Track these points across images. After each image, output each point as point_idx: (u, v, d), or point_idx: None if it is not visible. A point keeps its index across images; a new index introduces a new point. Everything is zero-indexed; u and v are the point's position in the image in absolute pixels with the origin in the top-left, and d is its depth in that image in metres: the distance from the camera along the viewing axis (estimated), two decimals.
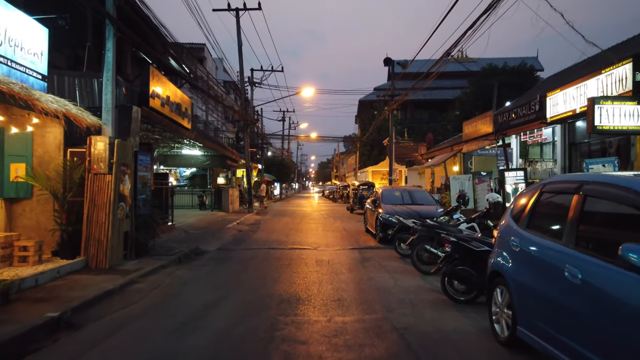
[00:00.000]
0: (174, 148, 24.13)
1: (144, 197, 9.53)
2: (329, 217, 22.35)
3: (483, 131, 18.02)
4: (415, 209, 12.21)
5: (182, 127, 13.27)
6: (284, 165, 52.30)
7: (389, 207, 12.31)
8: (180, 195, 26.33)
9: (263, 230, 15.77)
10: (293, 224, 18.49)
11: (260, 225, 18.00)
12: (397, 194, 13.25)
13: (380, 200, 12.95)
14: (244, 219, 20.01)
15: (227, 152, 23.28)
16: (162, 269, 8.32)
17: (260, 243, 12.37)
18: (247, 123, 24.59)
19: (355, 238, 13.44)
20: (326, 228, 16.65)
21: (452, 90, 55.24)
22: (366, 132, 44.99)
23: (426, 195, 13.54)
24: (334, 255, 10.16)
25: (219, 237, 13.32)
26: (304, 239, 13.14)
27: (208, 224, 16.63)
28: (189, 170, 35.19)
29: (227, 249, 11.17)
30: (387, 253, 10.57)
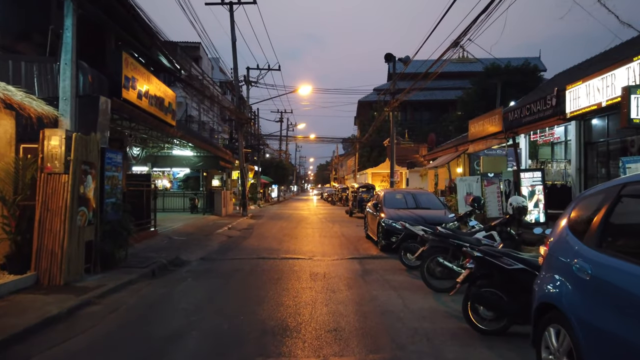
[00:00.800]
0: (164, 148, 22.99)
1: (114, 200, 8.32)
2: (327, 222, 21.15)
3: (491, 130, 16.86)
4: (422, 213, 11.02)
5: (165, 123, 12.07)
6: (281, 167, 51.10)
7: (392, 212, 11.12)
8: (171, 198, 25.18)
9: (255, 236, 14.55)
10: (288, 228, 17.28)
11: (253, 230, 16.78)
12: (401, 197, 12.05)
13: (383, 204, 11.76)
14: (236, 223, 18.80)
15: (219, 153, 22.10)
16: (129, 285, 7.10)
17: (249, 251, 11.16)
18: (242, 122, 23.41)
19: (354, 245, 12.23)
20: (323, 234, 15.44)
21: (453, 90, 54.24)
22: (365, 133, 43.86)
23: (433, 198, 12.34)
24: (331, 267, 8.95)
25: (205, 244, 12.10)
26: (299, 247, 11.93)
27: (196, 229, 15.42)
28: (183, 172, 34.03)
29: (212, 259, 9.95)
30: (391, 264, 9.36)
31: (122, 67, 9.00)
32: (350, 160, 64.10)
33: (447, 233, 7.24)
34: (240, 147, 23.91)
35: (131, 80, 9.48)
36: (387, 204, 11.70)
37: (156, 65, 20.88)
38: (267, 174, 47.77)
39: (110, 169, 8.23)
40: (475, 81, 41.92)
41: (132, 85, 9.55)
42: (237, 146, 24.36)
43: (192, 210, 23.28)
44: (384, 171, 41.29)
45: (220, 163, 23.21)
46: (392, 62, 22.31)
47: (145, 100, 10.43)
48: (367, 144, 48.53)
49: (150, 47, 12.97)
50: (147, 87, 10.62)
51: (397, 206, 11.59)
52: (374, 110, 50.58)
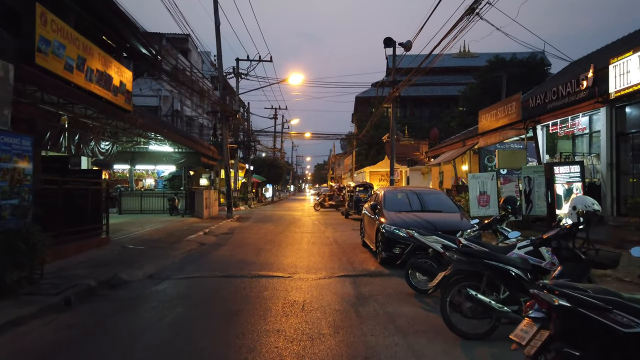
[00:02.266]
0: (140, 143, 20.76)
1: (15, 202, 6.06)
2: (320, 224, 18.91)
3: (506, 120, 14.66)
4: (432, 218, 8.80)
5: (115, 106, 9.82)
6: (275, 166, 48.81)
7: (394, 216, 8.89)
8: (150, 198, 22.92)
9: (231, 244, 12.31)
10: (274, 233, 15.03)
11: (233, 235, 14.53)
12: (405, 198, 9.81)
13: (383, 205, 9.52)
14: (216, 227, 16.54)
15: (200, 148, 19.84)
16: (12, 326, 4.85)
17: (216, 266, 8.91)
18: (226, 114, 21.14)
19: (348, 256, 9.99)
20: (313, 239, 13.20)
21: (454, 86, 52.20)
22: (363, 130, 41.66)
23: (444, 198, 10.07)
24: (314, 291, 6.71)
25: (165, 255, 9.84)
26: (280, 259, 9.69)
27: (165, 235, 13.16)
28: (168, 170, 31.80)
29: (162, 278, 7.70)
30: (394, 285, 7.14)
31: (35, 25, 6.74)
32: (347, 159, 61.87)
33: (481, 251, 5.02)
34: (225, 142, 21.64)
35: (52, 45, 7.21)
36: (388, 206, 9.46)
37: (130, 51, 18.62)
38: (260, 173, 45.49)
39: (9, 159, 5.97)
40: (478, 75, 39.85)
41: (55, 52, 7.29)
42: (221, 141, 22.08)
43: (172, 212, 21.03)
44: (383, 169, 39.08)
45: (201, 160, 20.97)
46: (392, 47, 20.07)
47: (79, 75, 8.17)
48: (364, 141, 46.32)
49: (110, 22, 10.72)
50: (85, 58, 8.37)
51: (400, 208, 9.36)
52: (372, 106, 48.39)
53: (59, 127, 12.36)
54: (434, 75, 52.67)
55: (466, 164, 22.59)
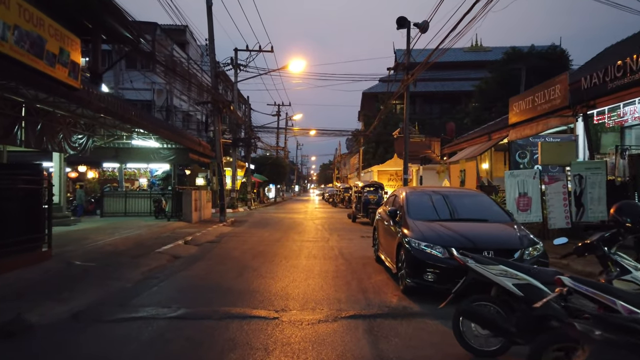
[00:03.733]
0: (122, 138, 18.45)
1: None
2: (323, 230, 16.48)
3: (548, 107, 12.17)
4: (476, 230, 6.35)
5: (49, 78, 7.42)
6: (278, 165, 46.41)
7: (423, 227, 6.44)
8: (135, 199, 20.64)
9: (212, 258, 9.90)
10: (268, 242, 12.62)
11: (219, 245, 12.14)
12: (435, 202, 7.32)
13: (406, 211, 7.07)
14: (202, 233, 14.17)
15: (188, 143, 17.46)
16: None
17: (178, 295, 6.51)
18: (218, 105, 18.76)
19: (359, 278, 7.54)
20: (314, 251, 10.77)
21: (466, 81, 49.70)
22: (370, 127, 39.20)
23: (487, 202, 7.52)
24: (310, 350, 4.29)
25: (118, 276, 7.46)
26: (268, 282, 7.26)
27: (134, 245, 10.79)
28: (162, 169, 29.51)
29: (91, 318, 5.29)
30: (433, 336, 4.71)
31: None
32: (353, 158, 59.38)
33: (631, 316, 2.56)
34: (217, 137, 19.27)
35: None
36: (414, 213, 6.99)
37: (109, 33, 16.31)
38: (261, 172, 43.13)
39: None
40: (494, 68, 37.31)
41: None
42: (214, 135, 19.72)
43: (158, 215, 18.71)
44: (392, 168, 36.58)
45: (190, 156, 18.60)
46: (406, 27, 17.61)
47: None
48: (372, 139, 43.84)
49: None
50: None
51: (429, 216, 6.89)
52: (380, 102, 45.90)
53: (12, 116, 10.07)
54: (444, 70, 50.20)
55: (486, 161, 20.05)
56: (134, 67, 32.62)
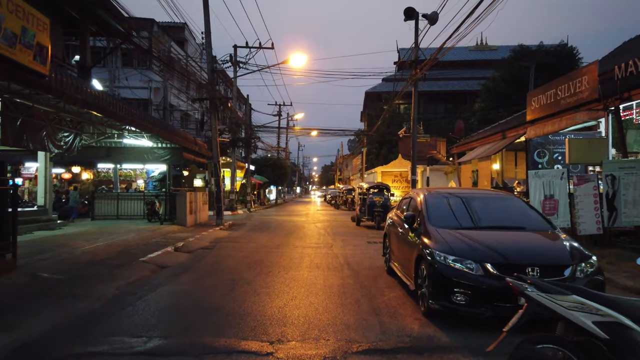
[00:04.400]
0: (114, 137, 17.44)
1: None
2: (326, 234, 15.38)
3: (573, 100, 11.05)
4: (514, 241, 5.25)
5: (12, 63, 6.34)
6: (279, 166, 45.32)
7: (449, 236, 5.34)
8: (127, 201, 19.62)
9: (201, 269, 8.81)
10: (266, 249, 11.52)
11: (212, 252, 11.05)
12: (459, 206, 6.19)
13: (426, 217, 5.96)
14: (195, 238, 13.08)
15: (182, 141, 16.38)
16: None
17: (154, 319, 5.41)
18: (215, 102, 17.69)
19: (369, 296, 6.43)
20: (317, 260, 9.67)
21: (471, 81, 48.67)
22: (373, 127, 38.12)
23: (522, 207, 6.34)
24: None
25: (88, 293, 6.38)
26: (263, 301, 6.16)
27: (116, 253, 9.71)
28: (159, 169, 28.46)
29: (34, 355, 4.21)
30: None
31: None
32: (356, 159, 58.26)
33: None
34: (214, 135, 18.19)
35: None
36: (435, 219, 5.88)
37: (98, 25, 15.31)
38: (262, 174, 42.06)
39: None
40: (501, 66, 36.24)
41: None
42: (210, 133, 18.65)
43: (150, 218, 17.67)
44: (396, 169, 35.48)
45: (184, 155, 17.53)
46: (414, 19, 16.52)
47: None
48: (375, 140, 42.74)
49: None
50: None
51: (454, 223, 5.79)
52: (383, 101, 44.83)
53: None
54: (448, 69, 49.11)
55: (497, 162, 18.93)
56: (131, 64, 31.59)
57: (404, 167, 34.33)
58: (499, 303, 4.57)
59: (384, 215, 17.85)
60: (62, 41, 16.17)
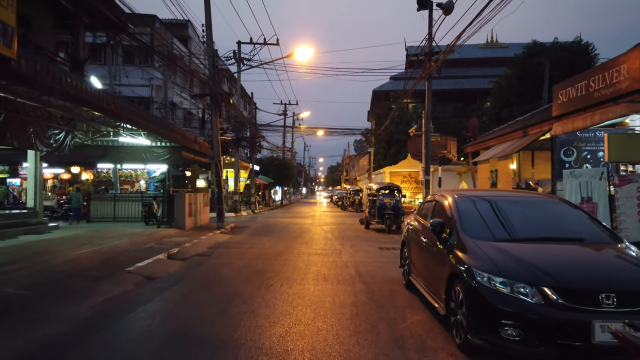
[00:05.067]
0: (109, 135, 16.56)
1: None
2: (334, 238, 14.32)
3: (609, 92, 9.92)
4: (574, 257, 4.17)
5: None
6: (285, 166, 44.35)
7: (494, 252, 4.26)
8: (124, 203, 18.70)
9: (195, 280, 7.79)
10: (268, 256, 10.49)
11: (209, 260, 10.03)
12: (499, 211, 5.10)
13: (458, 225, 4.88)
14: (193, 243, 12.08)
15: (180, 139, 15.37)
16: None
17: (120, 354, 4.39)
18: (216, 98, 16.71)
19: (389, 320, 5.37)
20: (324, 270, 8.61)
21: (480, 79, 47.54)
22: (380, 127, 37.03)
23: (573, 213, 5.25)
24: None
25: (53, 312, 5.38)
26: (260, 325, 5.13)
27: (101, 262, 8.72)
28: (160, 170, 27.53)
29: None
30: None
31: None
32: (363, 159, 57.18)
33: None
34: (215, 133, 17.21)
35: None
36: (471, 228, 4.80)
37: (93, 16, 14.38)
38: (267, 174, 41.10)
39: None
40: (514, 63, 35.05)
41: None
42: (211, 132, 17.69)
43: (148, 221, 16.72)
44: (405, 170, 34.39)
45: (182, 154, 16.55)
46: (427, 8, 15.44)
47: None
48: (383, 139, 41.64)
49: None
50: None
51: (495, 234, 4.70)
52: (391, 100, 43.73)
53: None
54: (458, 67, 47.92)
55: (514, 161, 17.76)
56: (132, 62, 30.73)
57: (413, 167, 33.21)
58: (564, 340, 3.51)
59: (395, 219, 16.78)
60: (54, 34, 15.25)
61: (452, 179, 24.94)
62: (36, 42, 13.13)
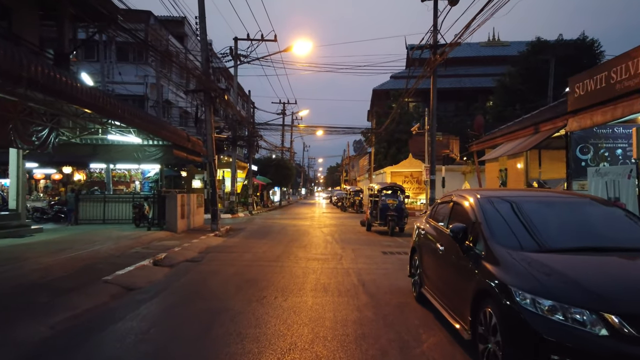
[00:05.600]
0: (97, 132, 15.73)
1: None
2: (334, 242, 13.48)
3: (635, 82, 9.11)
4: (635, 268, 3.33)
5: None
6: (283, 167, 43.51)
7: (537, 267, 3.42)
8: (115, 204, 17.88)
9: (176, 292, 6.95)
10: (263, 262, 9.65)
11: (199, 266, 9.20)
12: (534, 215, 4.27)
13: (489, 232, 4.02)
14: (182, 248, 11.24)
15: (170, 136, 14.50)
16: None
17: None
18: (210, 94, 15.87)
19: (401, 343, 4.53)
20: (323, 279, 7.78)
21: (482, 78, 46.82)
22: (381, 126, 36.21)
23: (621, 216, 4.44)
24: None
25: (1, 335, 4.54)
26: (248, 350, 4.29)
27: (76, 270, 7.89)
28: (155, 170, 26.67)
29: None
30: None
31: None
32: (363, 159, 56.35)
33: None
34: (209, 131, 16.38)
35: None
36: (503, 235, 3.95)
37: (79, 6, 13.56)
38: (265, 174, 40.26)
39: None
40: (518, 61, 34.30)
41: None
42: (205, 129, 16.85)
43: (138, 223, 15.89)
44: (406, 170, 33.57)
45: (174, 153, 15.70)
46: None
47: None
48: (383, 139, 40.80)
49: None
50: None
51: (531, 243, 3.86)
52: (392, 99, 42.92)
53: None
54: (459, 66, 47.14)
55: (521, 161, 16.94)
56: (126, 59, 29.88)
57: (414, 167, 32.39)
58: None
59: (398, 220, 15.95)
60: (38, 26, 14.43)
61: (455, 179, 24.12)
62: (21, 35, 12.31)
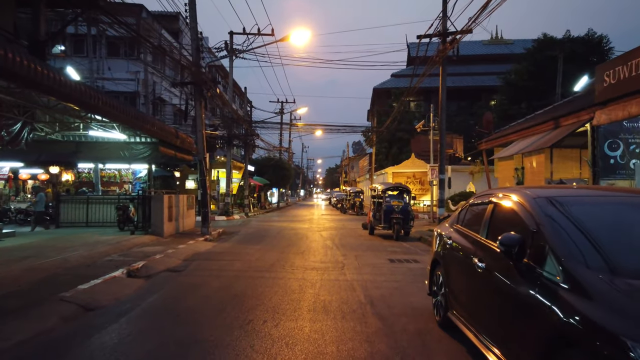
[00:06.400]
0: (78, 127, 14.54)
1: None
2: (335, 247, 12.24)
3: None
4: None
5: None
6: (281, 167, 42.26)
7: None
8: (100, 205, 16.64)
9: (145, 314, 5.71)
10: (254, 272, 8.41)
11: (179, 277, 7.95)
12: (629, 223, 3.06)
13: (563, 248, 2.79)
14: (164, 255, 9.99)
15: (154, 131, 13.21)
16: None
17: None
18: (200, 87, 14.63)
19: None
20: (323, 297, 6.54)
21: (485, 76, 45.78)
22: (382, 126, 35.03)
23: None
24: None
25: None
26: None
27: (30, 283, 6.65)
28: (145, 170, 25.39)
29: None
30: None
31: None
32: (363, 160, 55.12)
33: None
34: (199, 127, 15.13)
35: None
36: (588, 254, 2.71)
37: None
38: (263, 175, 39.01)
39: None
40: (524, 57, 33.23)
41: None
42: (194, 125, 15.62)
43: (123, 226, 14.67)
44: (409, 170, 32.38)
45: (160, 150, 14.46)
46: None
47: None
48: (384, 139, 39.58)
49: None
50: None
51: (632, 266, 2.64)
52: (393, 98, 41.75)
53: None
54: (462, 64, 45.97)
55: (540, 159, 15.73)
56: (117, 54, 28.63)
57: (417, 167, 31.20)
58: None
59: (403, 224, 14.73)
60: (13, 12, 13.19)
61: (461, 179, 22.92)
62: None
